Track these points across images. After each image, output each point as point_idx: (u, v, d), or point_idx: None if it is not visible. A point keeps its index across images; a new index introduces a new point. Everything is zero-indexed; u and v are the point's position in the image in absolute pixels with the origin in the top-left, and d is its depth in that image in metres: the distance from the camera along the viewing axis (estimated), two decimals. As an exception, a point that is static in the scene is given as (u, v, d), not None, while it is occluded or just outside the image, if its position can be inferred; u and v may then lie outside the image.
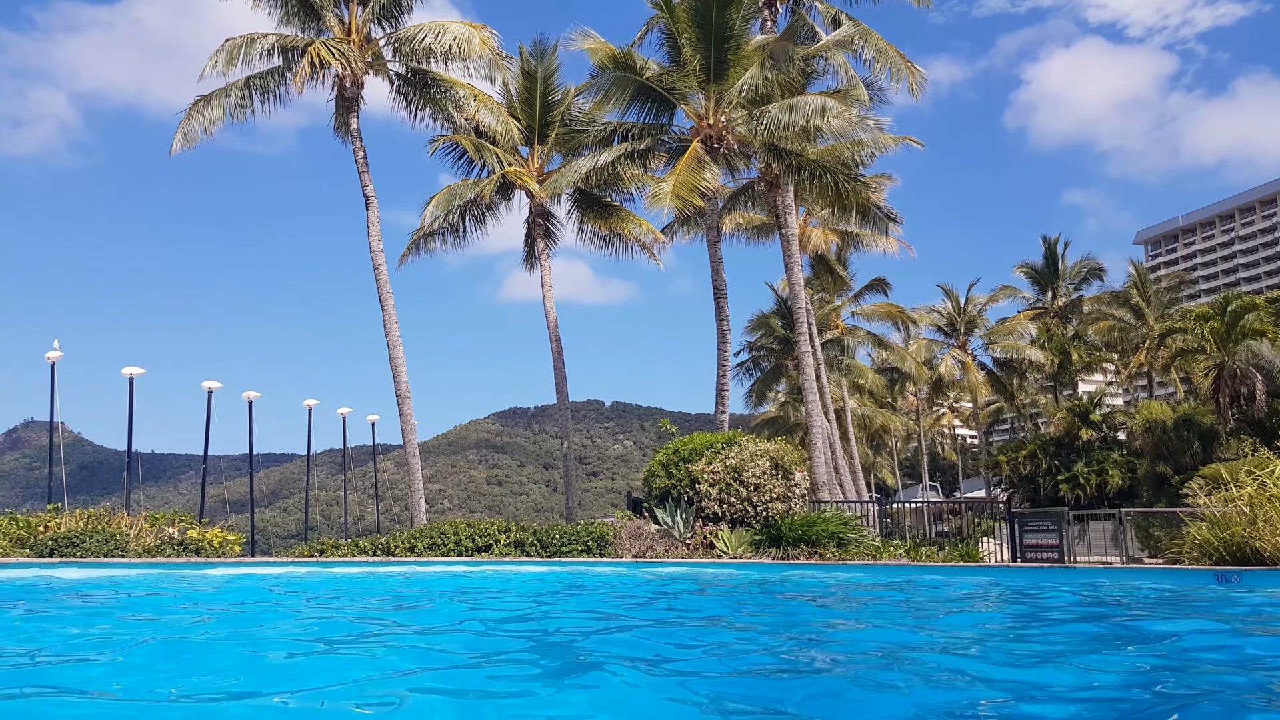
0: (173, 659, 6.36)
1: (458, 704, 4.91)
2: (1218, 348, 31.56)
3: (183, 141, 24.92)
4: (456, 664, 6.38)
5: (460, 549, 18.11)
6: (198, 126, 24.88)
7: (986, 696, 5.25)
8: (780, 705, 4.97)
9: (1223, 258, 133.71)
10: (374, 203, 25.98)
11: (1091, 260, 52.44)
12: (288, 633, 8.26)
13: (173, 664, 6.16)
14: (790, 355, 42.35)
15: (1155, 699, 5.14)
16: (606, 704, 4.87)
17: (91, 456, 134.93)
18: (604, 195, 29.10)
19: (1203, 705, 4.87)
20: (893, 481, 71.16)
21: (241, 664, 6.22)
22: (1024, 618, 10.00)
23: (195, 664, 6.14)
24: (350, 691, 5.20)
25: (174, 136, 24.90)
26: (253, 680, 5.61)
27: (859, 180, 26.18)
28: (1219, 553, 13.72)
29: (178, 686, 5.36)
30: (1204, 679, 5.75)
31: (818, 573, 15.03)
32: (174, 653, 6.72)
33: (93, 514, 20.10)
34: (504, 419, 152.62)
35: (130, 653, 6.84)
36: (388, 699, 5.07)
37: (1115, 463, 32.63)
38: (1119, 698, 5.17)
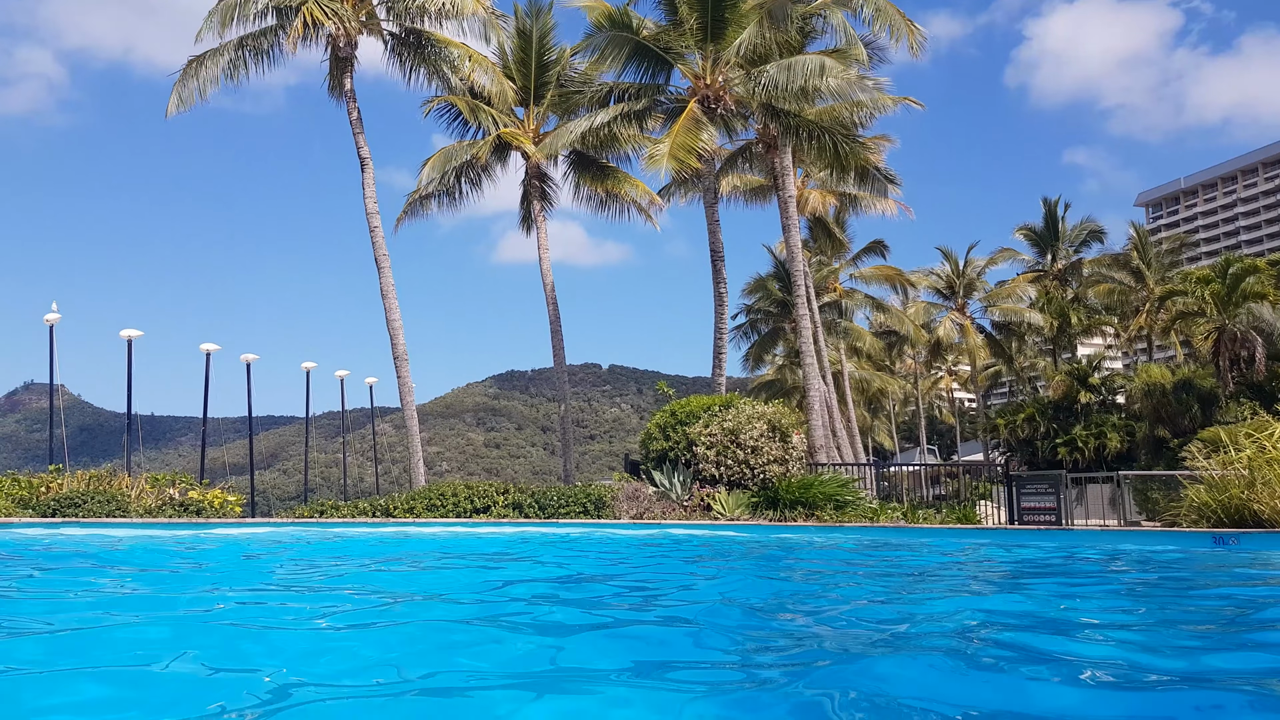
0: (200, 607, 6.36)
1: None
2: (1218, 311, 31.47)
3: (178, 104, 24.62)
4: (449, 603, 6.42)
5: (459, 510, 18.15)
6: (193, 89, 24.57)
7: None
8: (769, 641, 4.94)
9: (1224, 220, 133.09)
10: (369, 164, 25.72)
11: (1092, 222, 52.15)
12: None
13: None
14: (788, 318, 42.23)
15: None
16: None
17: (91, 419, 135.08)
18: (600, 157, 28.82)
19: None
20: (890, 445, 71.40)
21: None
22: (1011, 572, 10.02)
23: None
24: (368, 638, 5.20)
25: (169, 99, 24.62)
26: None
27: (857, 141, 25.91)
28: (1217, 515, 13.74)
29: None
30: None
31: (813, 535, 15.07)
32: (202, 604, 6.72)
33: (94, 475, 20.13)
34: (501, 382, 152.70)
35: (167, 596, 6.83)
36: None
37: (1114, 426, 32.69)
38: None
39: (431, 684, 4.15)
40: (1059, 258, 52.06)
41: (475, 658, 4.73)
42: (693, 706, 3.73)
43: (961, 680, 4.12)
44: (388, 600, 7.01)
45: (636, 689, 4.09)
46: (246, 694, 3.88)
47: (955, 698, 3.85)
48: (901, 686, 3.90)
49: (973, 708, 3.73)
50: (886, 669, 4.36)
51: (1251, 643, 5.48)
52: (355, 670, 4.40)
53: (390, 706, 3.76)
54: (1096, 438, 32.40)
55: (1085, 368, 36.26)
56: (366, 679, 4.15)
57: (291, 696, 3.84)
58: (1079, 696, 3.74)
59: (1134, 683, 4.08)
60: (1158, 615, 6.66)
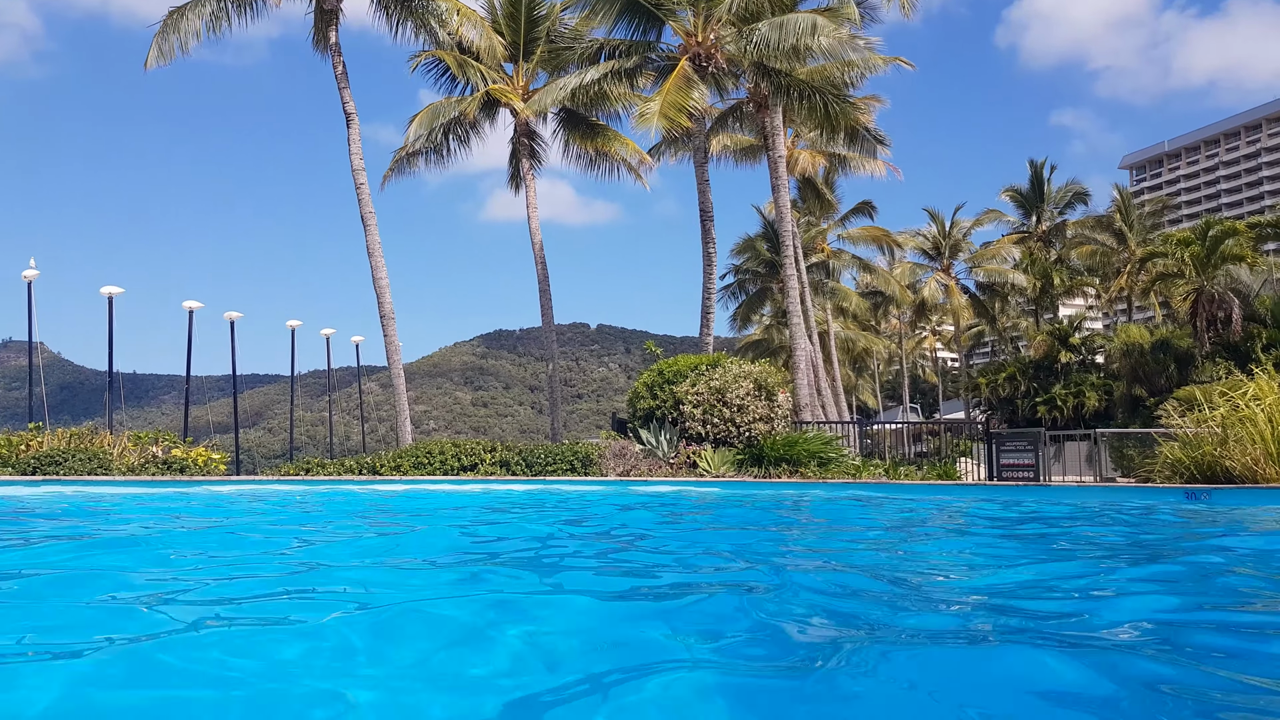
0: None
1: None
2: (1197, 272, 31.78)
3: (158, 56, 24.29)
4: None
5: (446, 468, 18.34)
6: (173, 41, 24.24)
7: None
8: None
9: (1206, 183, 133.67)
10: (354, 120, 25.53)
11: (1076, 184, 52.36)
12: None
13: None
14: (775, 278, 42.37)
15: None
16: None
17: (72, 377, 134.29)
18: (590, 114, 28.67)
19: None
20: (874, 403, 72.01)
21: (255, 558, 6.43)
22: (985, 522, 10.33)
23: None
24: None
25: (149, 51, 24.27)
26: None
27: (848, 101, 25.90)
28: (1190, 472, 14.09)
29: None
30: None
31: (797, 491, 15.35)
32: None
33: (75, 433, 20.15)
34: (489, 341, 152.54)
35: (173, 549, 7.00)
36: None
37: (1092, 385, 33.15)
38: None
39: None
40: (1044, 219, 52.31)
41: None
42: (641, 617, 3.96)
43: (885, 609, 4.49)
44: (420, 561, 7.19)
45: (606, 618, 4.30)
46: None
47: (871, 617, 4.16)
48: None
49: (890, 626, 4.06)
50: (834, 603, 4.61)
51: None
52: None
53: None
54: (1075, 396, 32.87)
55: (1066, 328, 36.65)
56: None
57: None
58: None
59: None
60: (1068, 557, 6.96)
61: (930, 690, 3.00)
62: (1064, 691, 3.00)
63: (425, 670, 3.29)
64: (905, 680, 3.10)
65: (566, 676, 3.18)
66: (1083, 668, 3.26)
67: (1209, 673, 3.29)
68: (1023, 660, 3.36)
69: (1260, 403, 13.60)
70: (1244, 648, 3.74)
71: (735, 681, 3.09)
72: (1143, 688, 3.06)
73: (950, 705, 2.88)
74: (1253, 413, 13.46)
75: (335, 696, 2.87)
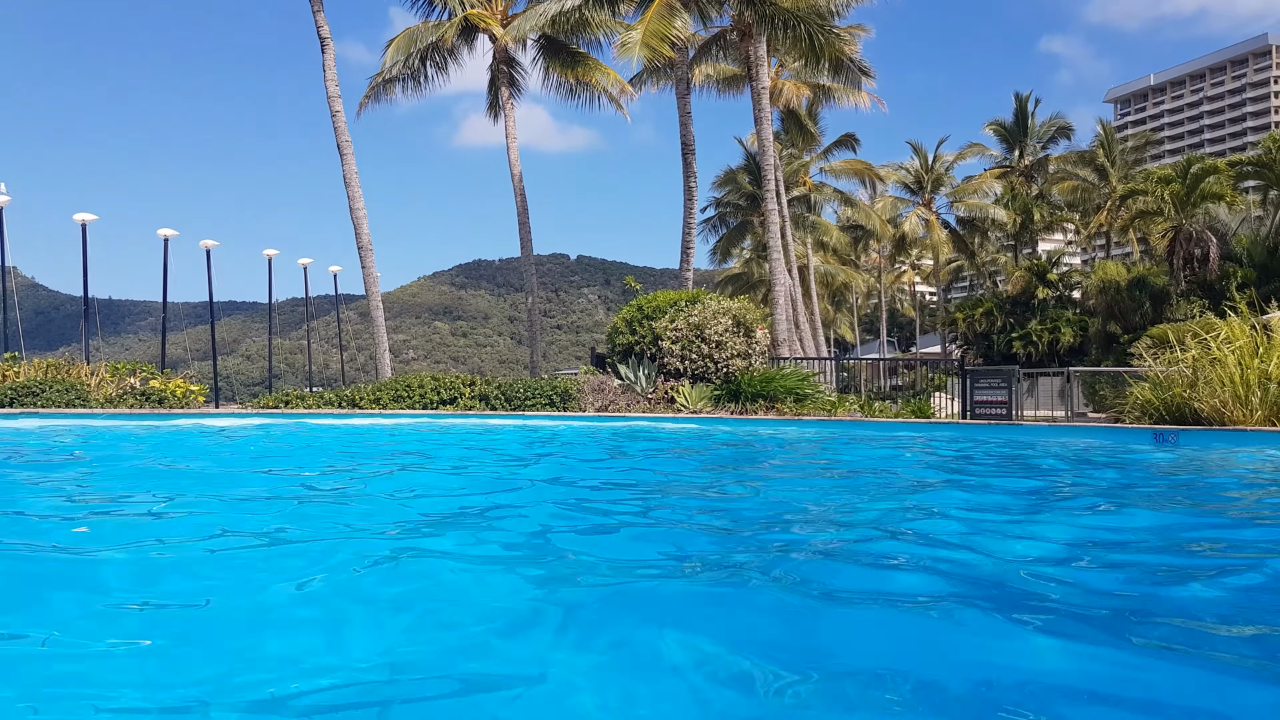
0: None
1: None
2: (1176, 210, 31.90)
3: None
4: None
5: (425, 402, 18.36)
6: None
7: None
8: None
9: (1190, 119, 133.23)
10: (329, 45, 24.88)
11: (1060, 119, 52.01)
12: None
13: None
14: (757, 212, 42.14)
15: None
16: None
17: (46, 302, 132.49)
18: (571, 42, 28.06)
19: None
20: (852, 337, 72.42)
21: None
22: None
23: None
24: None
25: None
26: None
27: (833, 31, 25.47)
28: (1159, 413, 14.33)
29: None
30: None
31: (771, 428, 15.52)
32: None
33: (51, 363, 19.94)
34: (468, 271, 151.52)
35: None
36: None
37: (1068, 321, 33.46)
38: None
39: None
40: (1026, 154, 52.08)
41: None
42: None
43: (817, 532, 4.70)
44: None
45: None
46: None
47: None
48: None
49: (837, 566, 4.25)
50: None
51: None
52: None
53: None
54: (1050, 332, 33.19)
55: (1044, 264, 36.85)
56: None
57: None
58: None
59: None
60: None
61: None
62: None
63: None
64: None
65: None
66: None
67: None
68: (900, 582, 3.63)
69: (1231, 345, 13.78)
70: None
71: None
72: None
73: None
74: (1223, 355, 13.65)
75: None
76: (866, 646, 2.97)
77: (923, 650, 2.94)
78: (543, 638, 3.06)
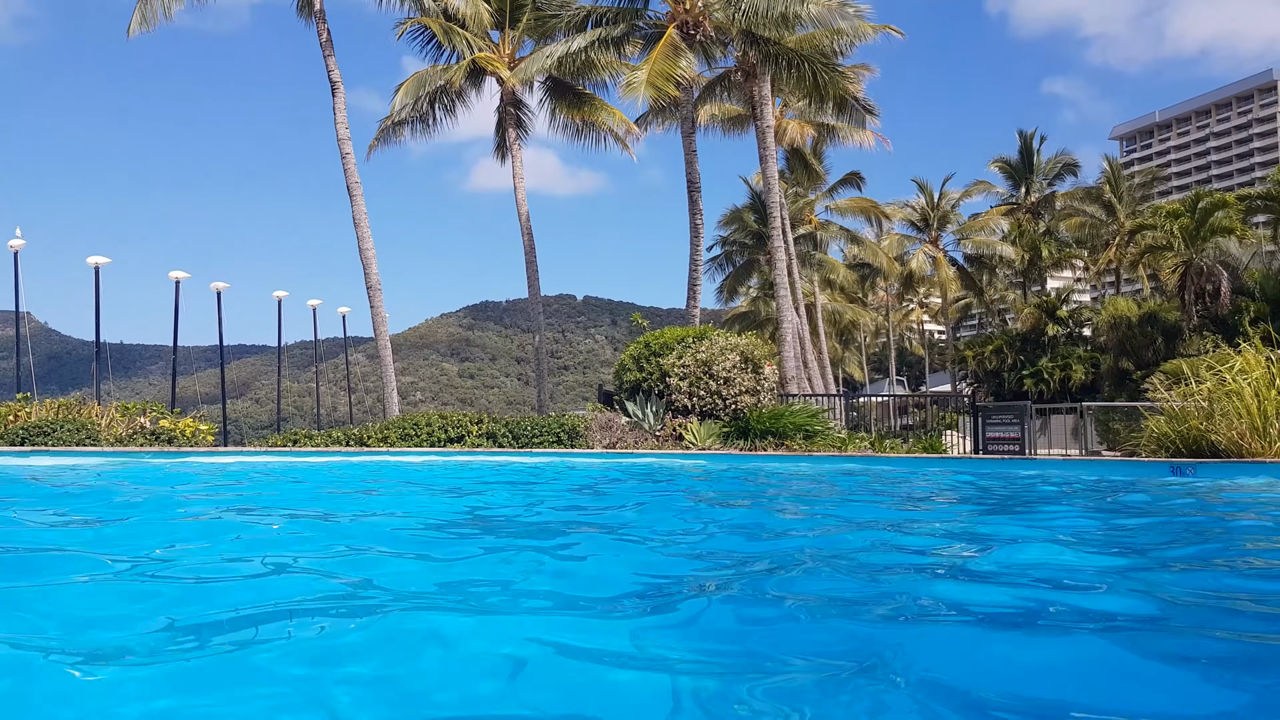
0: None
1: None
2: (1186, 245, 31.82)
3: (140, 23, 23.88)
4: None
5: (433, 440, 18.27)
6: (156, 7, 23.85)
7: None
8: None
9: (1196, 154, 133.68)
10: (340, 89, 25.17)
11: (1066, 155, 52.15)
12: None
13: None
14: (763, 250, 42.21)
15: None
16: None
17: (59, 347, 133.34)
18: (577, 83, 28.33)
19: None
20: (861, 376, 72.15)
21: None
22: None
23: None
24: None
25: (131, 17, 23.85)
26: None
27: (837, 70, 25.65)
28: (1175, 445, 14.12)
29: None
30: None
31: (782, 464, 15.36)
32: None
33: (63, 404, 19.97)
34: (475, 313, 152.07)
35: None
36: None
37: (1079, 358, 33.24)
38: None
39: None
40: (1033, 190, 52.16)
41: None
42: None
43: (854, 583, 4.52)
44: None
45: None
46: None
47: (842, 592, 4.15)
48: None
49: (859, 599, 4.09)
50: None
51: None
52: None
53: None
54: (1062, 369, 32.97)
55: (1054, 300, 36.72)
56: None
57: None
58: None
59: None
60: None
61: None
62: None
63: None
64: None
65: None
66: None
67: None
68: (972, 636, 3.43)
69: (1247, 376, 13.62)
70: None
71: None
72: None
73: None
74: (1239, 387, 13.48)
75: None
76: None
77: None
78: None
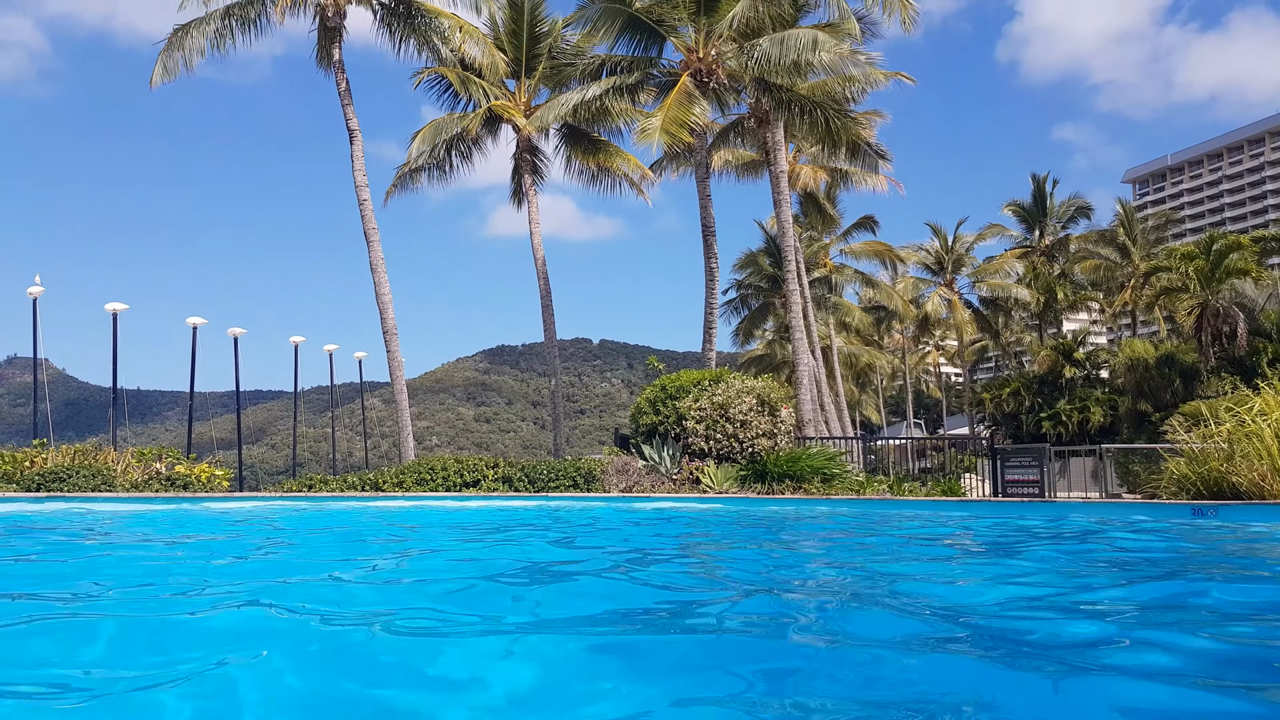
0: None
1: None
2: (1201, 286, 31.69)
3: (163, 74, 24.41)
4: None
5: (448, 484, 18.26)
6: (178, 58, 24.36)
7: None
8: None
9: (1209, 197, 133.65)
10: (358, 137, 25.59)
11: (1079, 199, 52.33)
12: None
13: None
14: (778, 293, 42.34)
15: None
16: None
17: (76, 393, 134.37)
18: (592, 130, 28.72)
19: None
20: (878, 419, 71.79)
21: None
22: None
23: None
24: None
25: (153, 68, 24.39)
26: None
27: (849, 116, 25.93)
28: (1196, 488, 13.97)
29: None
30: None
31: (800, 507, 15.26)
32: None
33: (79, 449, 20.10)
34: (491, 357, 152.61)
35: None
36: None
37: (1097, 400, 33.00)
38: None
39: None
40: (1047, 234, 52.26)
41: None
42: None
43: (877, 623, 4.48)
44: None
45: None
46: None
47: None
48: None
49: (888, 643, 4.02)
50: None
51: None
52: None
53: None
54: (1080, 411, 32.72)
55: (1070, 343, 36.55)
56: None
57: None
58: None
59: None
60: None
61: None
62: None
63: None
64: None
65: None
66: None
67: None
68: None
69: (1267, 418, 13.50)
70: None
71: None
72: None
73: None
74: (1259, 428, 13.35)
75: None
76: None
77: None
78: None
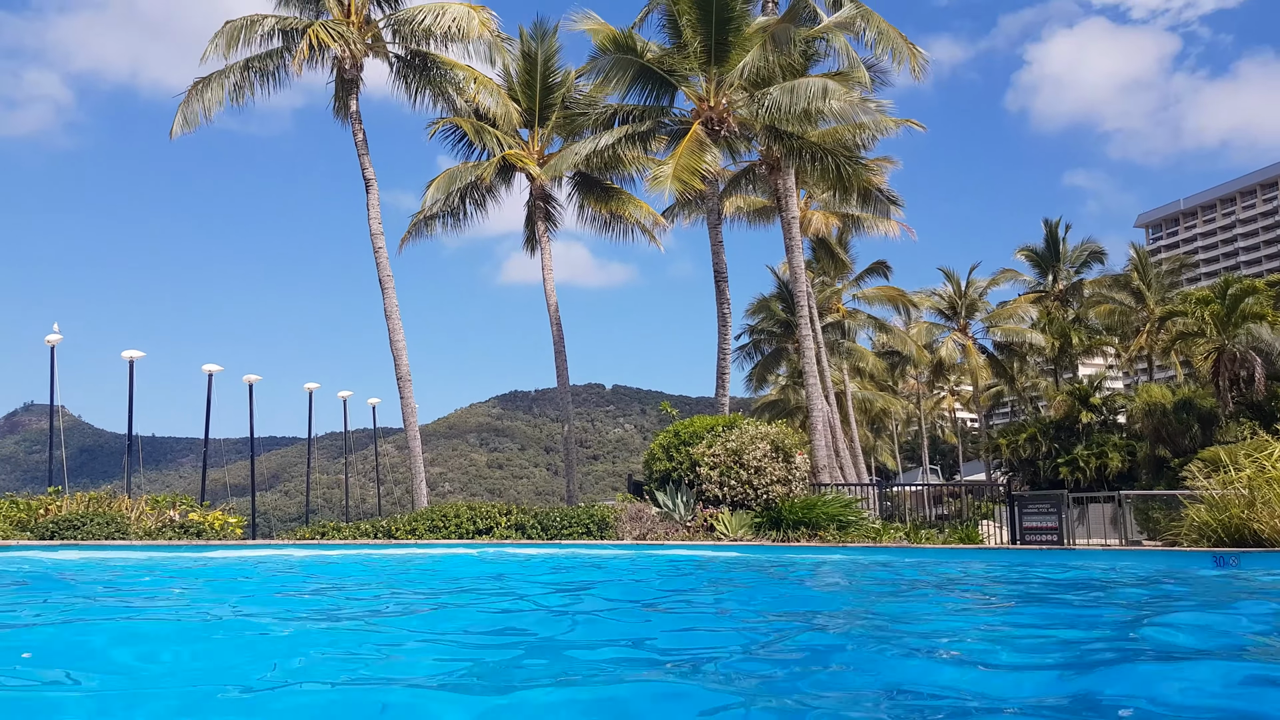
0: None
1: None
2: (1218, 331, 31.55)
3: (183, 124, 24.85)
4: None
5: (461, 531, 18.16)
6: (197, 110, 24.80)
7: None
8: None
9: (1223, 241, 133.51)
10: (374, 185, 25.91)
11: (1092, 243, 52.36)
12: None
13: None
14: (791, 338, 42.34)
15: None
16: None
17: (92, 440, 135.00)
18: (604, 178, 29.02)
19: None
20: (893, 464, 71.26)
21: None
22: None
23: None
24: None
25: (174, 119, 24.84)
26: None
27: (860, 163, 26.09)
28: (1217, 535, 13.77)
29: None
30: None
31: (816, 555, 15.10)
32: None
33: (94, 497, 20.13)
34: (505, 402, 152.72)
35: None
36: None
37: (1115, 445, 32.71)
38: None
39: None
40: (1060, 278, 52.22)
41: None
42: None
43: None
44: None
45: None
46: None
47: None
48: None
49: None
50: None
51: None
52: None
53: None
54: (1098, 457, 32.43)
55: (1086, 388, 36.34)
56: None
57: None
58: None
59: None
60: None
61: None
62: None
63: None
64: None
65: None
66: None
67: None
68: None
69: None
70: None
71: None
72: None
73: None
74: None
75: None
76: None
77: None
78: None
